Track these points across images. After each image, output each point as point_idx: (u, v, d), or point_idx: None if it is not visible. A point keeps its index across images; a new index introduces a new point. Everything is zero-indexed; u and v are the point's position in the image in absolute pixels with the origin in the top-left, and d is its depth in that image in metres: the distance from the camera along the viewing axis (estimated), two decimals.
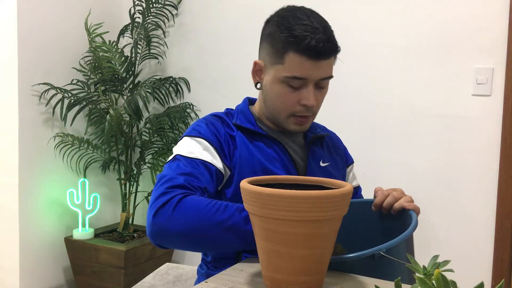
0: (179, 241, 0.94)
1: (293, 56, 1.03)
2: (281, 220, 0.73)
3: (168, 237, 0.94)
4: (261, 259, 0.79)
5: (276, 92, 1.08)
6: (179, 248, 0.98)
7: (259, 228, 0.77)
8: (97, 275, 2.43)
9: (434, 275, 0.54)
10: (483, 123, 2.03)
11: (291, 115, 1.09)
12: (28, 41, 2.35)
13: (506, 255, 1.99)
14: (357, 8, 2.26)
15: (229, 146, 1.10)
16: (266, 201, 0.72)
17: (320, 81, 1.07)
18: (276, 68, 1.07)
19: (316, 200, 0.72)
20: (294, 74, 1.04)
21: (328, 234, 0.75)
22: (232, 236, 0.92)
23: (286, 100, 1.07)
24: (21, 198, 2.36)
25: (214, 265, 1.11)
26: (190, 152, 1.05)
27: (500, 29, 1.97)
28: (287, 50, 1.03)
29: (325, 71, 1.06)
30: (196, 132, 1.09)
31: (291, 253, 0.74)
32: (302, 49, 1.01)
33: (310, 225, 0.73)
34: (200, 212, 0.93)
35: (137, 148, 2.67)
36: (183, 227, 0.92)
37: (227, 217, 0.92)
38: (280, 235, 0.74)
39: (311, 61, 1.02)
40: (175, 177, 1.00)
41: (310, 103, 1.06)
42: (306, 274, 0.76)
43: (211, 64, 2.65)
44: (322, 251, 0.76)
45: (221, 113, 1.18)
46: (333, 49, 1.05)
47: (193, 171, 1.01)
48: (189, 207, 0.94)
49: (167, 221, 0.93)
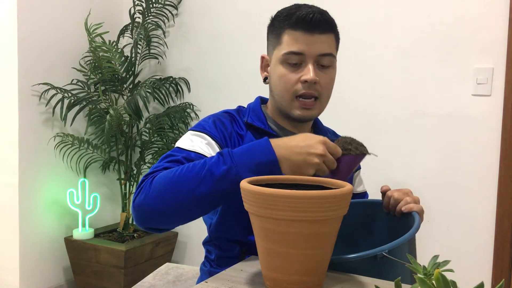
0: (163, 212, 0.93)
1: (288, 32, 1.06)
2: (281, 220, 0.72)
3: (151, 213, 0.93)
4: (261, 259, 0.79)
5: (278, 75, 1.08)
6: (167, 222, 0.96)
7: (259, 228, 0.77)
8: (97, 275, 2.43)
9: (434, 275, 0.54)
10: (483, 123, 2.03)
11: (294, 96, 1.08)
12: (28, 41, 2.35)
13: (506, 255, 1.99)
14: (357, 8, 2.26)
15: (236, 145, 1.08)
16: (266, 201, 0.72)
17: (320, 58, 1.07)
18: (276, 50, 1.09)
19: (316, 200, 0.72)
20: (290, 49, 1.05)
21: (328, 234, 0.75)
22: (209, 179, 0.90)
23: (288, 80, 1.07)
24: (21, 198, 2.36)
25: (218, 263, 1.11)
26: (189, 145, 1.04)
27: (500, 29, 1.97)
28: (283, 30, 1.07)
29: (322, 46, 1.06)
30: (201, 127, 1.09)
31: (291, 253, 0.74)
32: (295, 22, 1.05)
33: (310, 225, 0.73)
34: (172, 177, 0.92)
35: (137, 148, 2.68)
36: (160, 196, 0.91)
37: (199, 168, 0.91)
38: (280, 235, 0.74)
39: (306, 34, 1.04)
40: (161, 165, 0.99)
41: (309, 77, 1.04)
42: (306, 274, 0.76)
43: (211, 64, 2.65)
44: (322, 251, 0.76)
45: (233, 110, 1.17)
46: (326, 22, 1.07)
47: (183, 160, 1.00)
48: (162, 177, 0.93)
49: (145, 199, 0.93)
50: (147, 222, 0.95)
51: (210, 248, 1.14)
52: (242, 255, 1.07)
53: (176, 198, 0.91)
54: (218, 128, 1.08)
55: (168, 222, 0.96)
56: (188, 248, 2.76)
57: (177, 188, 0.91)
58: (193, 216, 0.95)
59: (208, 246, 1.15)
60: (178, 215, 0.94)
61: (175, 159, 1.00)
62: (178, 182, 0.91)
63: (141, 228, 0.98)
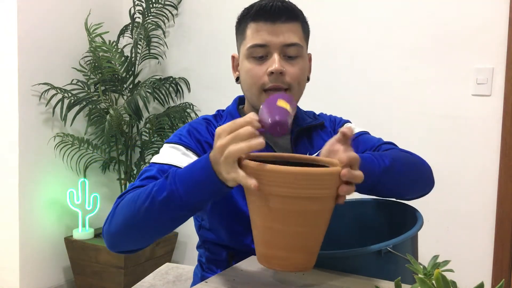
0: (126, 238, 0.91)
1: (250, 26, 1.04)
2: (268, 195, 0.72)
3: (115, 239, 0.92)
4: (254, 234, 0.79)
5: (245, 70, 1.05)
6: (134, 245, 0.93)
7: (248, 201, 0.77)
8: (97, 275, 2.43)
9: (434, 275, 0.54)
10: (483, 123, 2.03)
11: (262, 90, 1.03)
12: (28, 41, 2.35)
13: (506, 255, 1.99)
14: (357, 8, 2.26)
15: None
16: (262, 176, 0.72)
17: (286, 49, 1.02)
18: (242, 46, 1.07)
19: (309, 177, 0.71)
20: (254, 42, 1.02)
21: (320, 212, 0.75)
22: (155, 207, 0.83)
23: (254, 74, 1.03)
24: (21, 198, 2.36)
25: (208, 267, 1.10)
26: (165, 159, 1.01)
27: (500, 29, 1.97)
28: (246, 23, 1.05)
29: (286, 36, 1.01)
30: (176, 138, 1.06)
31: (278, 228, 0.74)
32: (255, 13, 1.02)
33: (295, 201, 0.72)
34: (129, 204, 0.88)
35: (137, 148, 2.68)
36: (120, 223, 0.89)
37: (146, 195, 0.85)
38: (267, 210, 0.73)
39: (267, 25, 1.01)
40: (133, 184, 0.97)
41: (274, 68, 0.99)
42: (292, 251, 0.75)
43: (211, 64, 2.65)
44: (309, 230, 0.75)
45: (210, 116, 1.15)
46: (289, 10, 1.02)
47: (157, 175, 0.96)
48: (123, 202, 0.90)
49: (109, 226, 0.91)
50: (115, 247, 0.94)
51: (201, 251, 1.14)
52: (230, 259, 1.06)
53: (134, 226, 0.88)
54: (192, 136, 1.06)
55: (134, 245, 0.94)
56: (188, 248, 2.76)
57: (132, 216, 0.86)
58: (158, 237, 0.92)
59: (199, 250, 1.15)
60: (141, 240, 0.92)
61: (149, 175, 0.97)
62: (132, 210, 0.87)
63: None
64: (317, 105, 1.48)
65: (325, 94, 2.25)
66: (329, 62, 2.27)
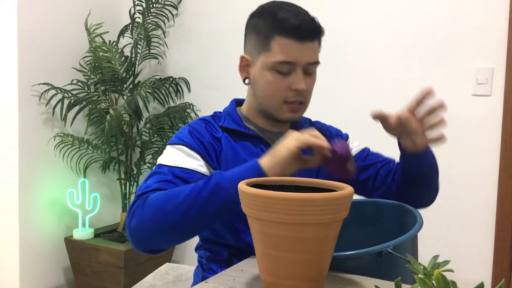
0: (159, 235, 0.93)
1: (279, 39, 1.04)
2: (268, 221, 0.71)
3: (146, 236, 0.94)
4: (257, 261, 0.79)
5: (266, 80, 1.07)
6: (164, 242, 0.96)
7: (254, 231, 0.76)
8: (97, 275, 2.43)
9: (434, 275, 0.54)
10: (483, 123, 2.03)
11: (284, 102, 1.08)
12: (28, 41, 2.35)
13: (506, 255, 1.99)
14: (357, 8, 2.26)
15: (215, 149, 1.09)
16: (262, 203, 0.71)
17: (307, 67, 1.07)
18: (264, 56, 1.07)
19: (298, 203, 0.69)
20: (282, 59, 1.04)
21: (315, 238, 0.72)
22: (199, 201, 0.90)
23: (278, 87, 1.06)
24: (21, 198, 2.36)
25: (208, 267, 1.10)
26: (172, 161, 1.03)
27: (500, 29, 1.97)
28: (273, 35, 1.04)
29: (311, 55, 1.06)
30: (178, 139, 1.08)
31: (280, 256, 0.73)
32: (287, 30, 1.02)
33: (293, 228, 0.70)
34: (166, 198, 0.92)
35: (137, 148, 2.68)
36: (155, 220, 0.92)
37: (191, 189, 0.92)
38: (270, 238, 0.72)
39: (297, 43, 1.03)
40: (150, 185, 0.99)
41: (301, 87, 1.05)
42: (293, 279, 0.73)
43: (211, 64, 2.65)
44: (311, 257, 0.73)
45: (208, 117, 1.17)
46: (318, 30, 1.06)
47: (173, 179, 1.00)
48: (155, 198, 0.94)
49: (139, 223, 0.93)
50: (145, 245, 0.96)
51: (201, 252, 1.14)
52: (231, 258, 1.07)
53: (170, 222, 0.91)
54: (194, 137, 1.08)
55: (164, 244, 0.97)
56: (188, 248, 2.76)
57: (170, 211, 0.91)
58: (190, 236, 0.96)
59: (199, 251, 1.16)
60: (174, 237, 0.95)
61: (164, 178, 1.00)
62: (170, 204, 0.91)
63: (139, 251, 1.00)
64: (317, 105, 1.48)
65: (325, 94, 2.25)
66: (329, 62, 2.27)
